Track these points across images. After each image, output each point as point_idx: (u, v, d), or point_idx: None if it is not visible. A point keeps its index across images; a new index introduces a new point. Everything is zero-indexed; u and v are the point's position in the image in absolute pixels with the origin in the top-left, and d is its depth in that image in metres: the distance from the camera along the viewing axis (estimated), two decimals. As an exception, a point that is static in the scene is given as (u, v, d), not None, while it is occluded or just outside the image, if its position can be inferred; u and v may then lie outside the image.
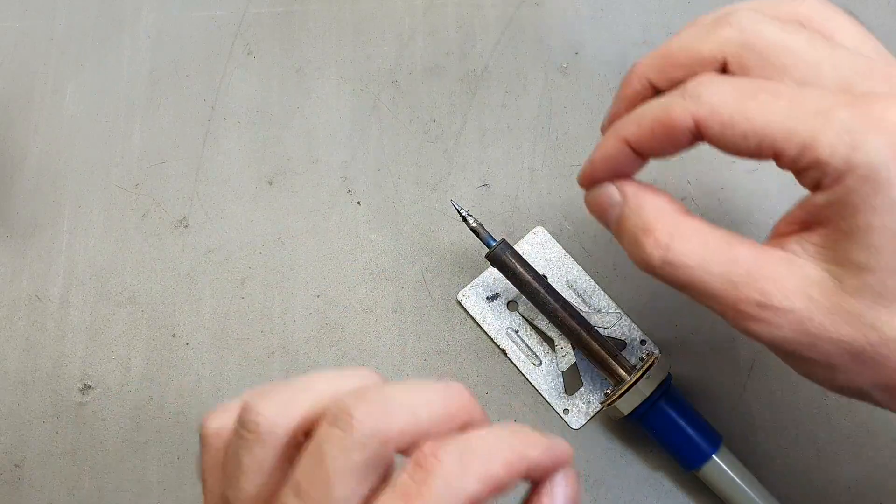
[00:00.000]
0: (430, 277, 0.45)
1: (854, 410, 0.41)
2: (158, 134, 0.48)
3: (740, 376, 0.42)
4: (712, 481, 0.38)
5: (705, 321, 0.43)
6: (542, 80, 0.48)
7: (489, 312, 0.44)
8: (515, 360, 0.43)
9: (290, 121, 0.48)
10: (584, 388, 0.42)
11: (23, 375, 0.43)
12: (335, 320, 0.44)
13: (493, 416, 0.42)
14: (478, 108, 0.48)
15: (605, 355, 0.39)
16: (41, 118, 0.48)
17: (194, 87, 0.49)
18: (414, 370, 0.43)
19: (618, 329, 0.43)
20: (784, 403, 0.42)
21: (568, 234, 0.45)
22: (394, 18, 0.50)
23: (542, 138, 0.47)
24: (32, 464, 0.42)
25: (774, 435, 0.41)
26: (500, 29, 0.50)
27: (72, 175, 0.47)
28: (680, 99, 0.28)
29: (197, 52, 0.50)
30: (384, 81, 0.49)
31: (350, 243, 0.45)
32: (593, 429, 0.42)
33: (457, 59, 0.49)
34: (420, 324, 0.44)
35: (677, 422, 0.38)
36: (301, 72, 0.49)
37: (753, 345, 0.43)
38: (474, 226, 0.40)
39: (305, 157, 0.47)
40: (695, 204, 0.45)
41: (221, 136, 0.48)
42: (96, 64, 0.50)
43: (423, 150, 0.47)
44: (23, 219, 0.46)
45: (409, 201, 0.46)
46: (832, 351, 0.27)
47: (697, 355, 0.43)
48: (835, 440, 0.41)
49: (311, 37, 0.50)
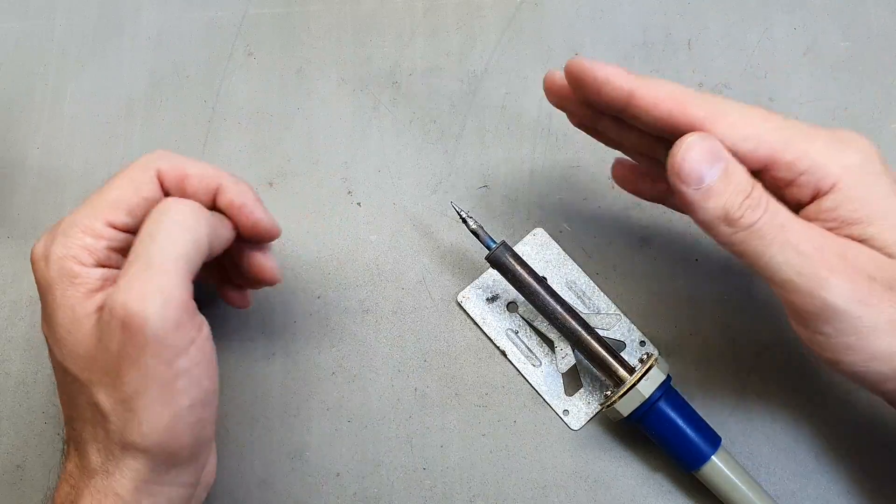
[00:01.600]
0: (429, 279, 0.45)
1: (854, 411, 0.42)
2: (158, 135, 0.48)
3: (740, 376, 0.42)
4: (712, 482, 0.39)
5: (705, 321, 0.43)
6: (542, 80, 0.48)
7: (489, 314, 0.44)
8: (515, 361, 0.43)
9: (290, 122, 0.48)
10: (584, 389, 0.42)
11: (24, 377, 0.43)
12: (335, 321, 0.44)
13: (492, 417, 0.42)
14: (478, 109, 0.48)
15: (605, 356, 0.39)
16: (41, 118, 0.48)
17: (194, 88, 0.49)
18: (414, 371, 0.43)
19: (617, 330, 0.43)
20: (784, 403, 0.42)
21: (567, 235, 0.45)
22: (394, 19, 0.50)
23: (542, 139, 0.47)
24: (34, 465, 0.42)
25: (774, 435, 0.41)
26: (500, 29, 0.50)
27: (72, 176, 0.47)
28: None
29: (197, 52, 0.50)
30: (384, 82, 0.49)
31: (350, 244, 0.45)
32: (593, 429, 0.42)
33: (457, 59, 0.49)
34: (420, 325, 0.44)
35: (677, 423, 0.38)
36: (301, 73, 0.49)
37: (753, 345, 0.43)
38: (474, 227, 0.40)
39: (306, 159, 0.47)
40: (695, 204, 0.45)
41: (222, 137, 0.48)
42: (96, 64, 0.50)
43: (423, 150, 0.47)
44: (23, 220, 0.46)
45: (409, 202, 0.46)
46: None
47: (697, 355, 0.43)
48: (835, 440, 0.41)
49: (312, 38, 0.50)
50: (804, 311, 0.32)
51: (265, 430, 0.42)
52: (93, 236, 0.33)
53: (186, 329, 0.31)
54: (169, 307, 0.31)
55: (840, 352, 0.32)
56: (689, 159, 0.32)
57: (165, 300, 0.31)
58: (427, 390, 0.43)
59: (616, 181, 0.41)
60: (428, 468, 0.42)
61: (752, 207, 0.32)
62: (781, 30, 0.49)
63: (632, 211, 0.45)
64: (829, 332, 0.32)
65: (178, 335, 0.31)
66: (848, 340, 0.31)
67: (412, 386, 0.43)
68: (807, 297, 0.31)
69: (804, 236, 0.32)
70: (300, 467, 0.42)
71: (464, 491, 0.41)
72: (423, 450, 0.42)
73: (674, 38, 0.49)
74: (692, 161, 0.32)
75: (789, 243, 0.31)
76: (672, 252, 0.45)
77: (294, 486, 0.41)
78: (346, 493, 0.41)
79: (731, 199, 0.32)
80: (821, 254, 0.31)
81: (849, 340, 0.31)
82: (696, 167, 0.32)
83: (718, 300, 0.44)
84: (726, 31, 0.49)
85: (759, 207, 0.32)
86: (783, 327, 0.43)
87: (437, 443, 0.42)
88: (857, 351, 0.31)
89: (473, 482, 0.41)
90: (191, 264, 0.32)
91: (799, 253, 0.31)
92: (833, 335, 0.32)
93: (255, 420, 0.42)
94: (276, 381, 0.43)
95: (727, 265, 0.44)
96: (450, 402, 0.43)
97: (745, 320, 0.43)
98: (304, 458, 0.42)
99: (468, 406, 0.42)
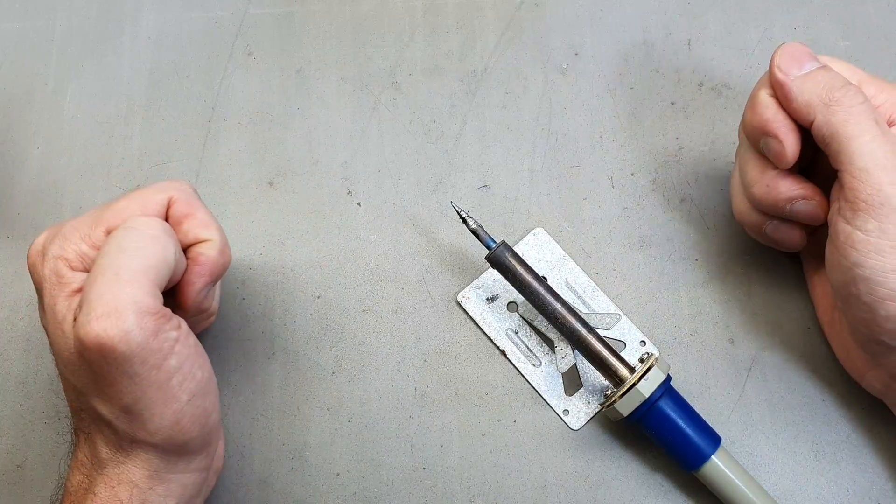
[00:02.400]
0: (429, 278, 0.45)
1: (853, 411, 0.42)
2: (159, 135, 0.48)
3: (740, 376, 0.42)
4: (712, 481, 0.39)
5: (705, 321, 0.43)
6: (542, 80, 0.48)
7: (489, 313, 0.44)
8: (515, 360, 0.43)
9: (290, 122, 0.48)
10: (584, 389, 0.42)
11: (24, 377, 0.43)
12: (335, 321, 0.44)
13: (492, 417, 0.42)
14: (478, 109, 0.48)
15: (605, 356, 0.39)
16: (41, 119, 0.48)
17: (194, 88, 0.49)
18: (414, 371, 0.43)
19: (617, 330, 0.43)
20: (784, 403, 0.42)
21: (568, 235, 0.45)
22: (394, 19, 0.50)
23: (542, 139, 0.47)
24: (34, 465, 0.42)
25: (774, 435, 0.41)
26: (500, 29, 0.50)
27: (72, 176, 0.47)
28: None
29: (197, 52, 0.50)
30: (384, 82, 0.49)
31: (350, 244, 0.45)
32: (593, 429, 0.42)
33: (457, 60, 0.49)
34: (420, 325, 0.44)
35: (677, 422, 0.38)
36: (301, 73, 0.49)
37: (753, 345, 0.43)
38: (474, 227, 0.40)
39: (306, 158, 0.47)
40: (695, 204, 0.45)
41: (222, 137, 0.48)
42: (96, 64, 0.50)
43: (423, 150, 0.47)
44: (23, 220, 0.46)
45: (409, 202, 0.46)
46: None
47: (697, 355, 0.43)
48: (834, 440, 0.41)
49: (312, 38, 0.50)
50: (863, 200, 0.34)
51: (265, 430, 0.42)
52: (90, 245, 0.34)
53: (166, 331, 0.32)
54: (145, 318, 0.31)
55: (870, 252, 0.34)
56: (787, 53, 0.37)
57: (140, 311, 0.31)
58: (427, 390, 0.43)
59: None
60: (428, 468, 0.42)
61: (854, 94, 0.35)
62: (781, 30, 0.49)
63: (632, 211, 0.46)
64: (872, 229, 0.34)
65: (159, 340, 0.31)
66: (883, 244, 0.34)
67: (412, 386, 0.43)
68: (873, 188, 0.34)
69: (892, 140, 0.35)
70: (300, 467, 0.42)
71: (464, 491, 0.41)
72: (423, 450, 0.42)
73: (674, 38, 0.49)
74: (791, 54, 0.37)
75: (880, 139, 0.34)
76: (672, 252, 0.45)
77: (294, 486, 0.41)
78: (346, 493, 0.41)
79: (833, 82, 0.36)
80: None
81: (884, 244, 0.34)
82: (796, 58, 0.37)
83: (718, 300, 0.44)
84: (726, 31, 0.49)
85: (860, 96, 0.35)
86: (783, 327, 0.43)
87: (437, 443, 0.42)
88: (886, 256, 0.34)
89: (473, 482, 0.41)
90: (159, 277, 0.32)
91: (885, 151, 0.34)
92: (874, 233, 0.34)
93: (255, 420, 0.42)
94: (276, 381, 0.43)
95: (727, 265, 0.44)
96: (450, 402, 0.43)
97: (745, 320, 0.43)
98: (304, 458, 0.42)
99: (468, 406, 0.42)
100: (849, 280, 0.35)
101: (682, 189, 0.46)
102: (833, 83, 0.36)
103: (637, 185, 0.46)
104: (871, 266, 0.34)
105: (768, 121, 0.37)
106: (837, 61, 0.38)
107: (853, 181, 0.34)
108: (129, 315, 0.30)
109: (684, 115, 0.47)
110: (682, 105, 0.48)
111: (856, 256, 0.34)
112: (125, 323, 0.30)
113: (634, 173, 0.46)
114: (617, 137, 0.47)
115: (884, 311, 0.35)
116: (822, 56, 0.38)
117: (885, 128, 0.35)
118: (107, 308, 0.30)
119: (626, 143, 0.47)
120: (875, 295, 0.34)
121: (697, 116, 0.47)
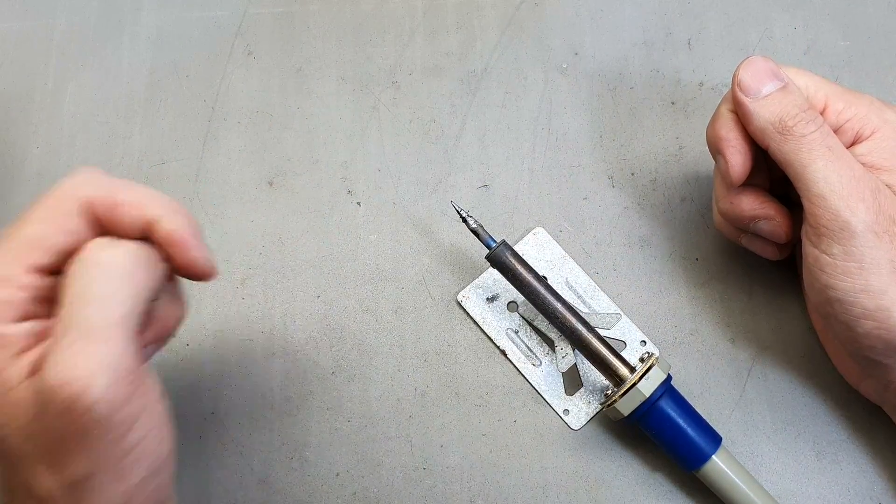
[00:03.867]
0: (430, 278, 0.45)
1: (854, 411, 0.42)
2: (158, 134, 0.48)
3: (740, 376, 0.42)
4: (712, 481, 0.39)
5: (705, 321, 0.43)
6: (542, 80, 0.48)
7: (489, 313, 0.44)
8: (515, 360, 0.43)
9: (290, 121, 0.48)
10: (584, 389, 0.42)
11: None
12: (335, 321, 0.44)
13: (492, 417, 0.42)
14: (478, 109, 0.48)
15: (605, 356, 0.39)
16: (41, 118, 0.48)
17: (194, 88, 0.49)
18: (414, 371, 0.43)
19: (618, 329, 0.43)
20: (784, 403, 0.42)
21: (568, 234, 0.45)
22: (394, 19, 0.50)
23: (542, 138, 0.47)
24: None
25: (774, 435, 0.41)
26: (500, 29, 0.50)
27: (72, 176, 0.47)
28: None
29: (197, 52, 0.50)
30: (384, 82, 0.49)
31: (350, 244, 0.45)
32: (593, 429, 0.42)
33: (457, 59, 0.49)
34: (420, 324, 0.44)
35: (677, 422, 0.38)
36: (301, 72, 0.49)
37: (753, 345, 0.43)
38: (474, 227, 0.40)
39: (305, 158, 0.47)
40: (695, 204, 0.45)
41: (221, 136, 0.48)
42: (96, 64, 0.50)
43: (423, 150, 0.47)
44: (23, 219, 0.46)
45: (409, 202, 0.46)
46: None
47: (697, 355, 0.43)
48: (834, 440, 0.41)
49: (312, 37, 0.50)
50: (824, 226, 0.34)
51: (265, 429, 0.42)
52: (12, 288, 0.29)
53: (136, 399, 0.28)
54: (118, 382, 0.27)
55: (838, 275, 0.34)
56: (750, 71, 0.36)
57: (113, 374, 0.27)
58: (427, 390, 0.43)
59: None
60: (428, 468, 0.41)
61: (806, 121, 0.35)
62: (781, 30, 0.49)
63: (632, 211, 0.45)
64: (837, 252, 0.34)
65: (128, 409, 0.28)
66: (849, 266, 0.34)
67: (412, 386, 0.43)
68: (832, 214, 0.34)
69: (847, 164, 0.35)
70: (300, 467, 0.42)
71: (464, 491, 0.41)
72: (423, 450, 0.42)
73: (674, 38, 0.49)
74: (754, 72, 0.36)
75: (833, 164, 0.34)
76: (672, 252, 0.45)
77: (294, 485, 0.41)
78: (346, 493, 0.41)
79: (788, 109, 0.35)
80: (856, 183, 0.34)
81: (850, 266, 0.34)
82: (758, 78, 0.36)
83: (718, 300, 0.44)
84: (726, 31, 0.49)
85: (814, 123, 0.35)
86: (783, 327, 0.43)
87: (437, 443, 0.42)
88: (853, 278, 0.34)
89: (473, 482, 0.41)
90: (135, 321, 0.28)
91: (839, 175, 0.34)
92: (839, 256, 0.34)
93: (255, 420, 0.42)
94: (276, 381, 0.43)
95: (727, 265, 0.44)
96: (450, 401, 0.42)
97: (745, 320, 0.43)
98: (304, 458, 0.42)
99: (468, 406, 0.42)
100: (823, 301, 0.36)
101: (682, 189, 0.46)
102: (786, 110, 0.36)
103: (637, 185, 0.46)
104: (841, 288, 0.34)
105: (721, 139, 0.38)
106: (805, 74, 0.38)
107: (812, 207, 0.35)
108: (100, 380, 0.26)
109: (684, 115, 0.47)
110: (682, 105, 0.48)
111: (825, 279, 0.35)
112: (95, 387, 0.26)
113: (634, 173, 0.46)
114: (617, 137, 0.47)
115: (861, 329, 0.35)
116: (789, 69, 0.37)
117: (841, 152, 0.35)
118: (78, 371, 0.26)
119: (626, 142, 0.47)
120: (850, 314, 0.35)
121: (697, 116, 0.47)
